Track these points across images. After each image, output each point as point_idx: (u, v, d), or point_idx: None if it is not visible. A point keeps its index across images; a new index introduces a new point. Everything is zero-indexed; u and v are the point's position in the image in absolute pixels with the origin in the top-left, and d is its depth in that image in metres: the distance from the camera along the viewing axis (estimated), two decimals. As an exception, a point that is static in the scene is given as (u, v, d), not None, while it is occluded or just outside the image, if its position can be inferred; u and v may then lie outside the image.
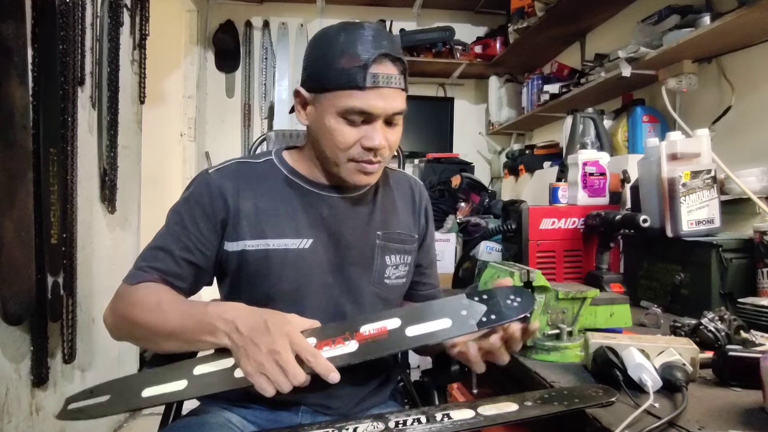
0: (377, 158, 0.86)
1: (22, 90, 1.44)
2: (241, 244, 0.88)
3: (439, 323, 0.77)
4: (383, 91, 0.82)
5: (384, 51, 0.81)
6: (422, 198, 1.06)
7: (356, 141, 0.85)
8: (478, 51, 3.29)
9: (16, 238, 1.41)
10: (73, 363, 1.81)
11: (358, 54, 0.81)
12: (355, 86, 0.81)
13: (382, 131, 0.85)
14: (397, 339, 0.76)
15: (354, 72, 0.80)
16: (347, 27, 0.85)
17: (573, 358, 0.90)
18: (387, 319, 0.78)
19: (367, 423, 0.72)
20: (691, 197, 1.20)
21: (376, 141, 0.84)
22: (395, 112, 0.85)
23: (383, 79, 0.81)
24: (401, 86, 0.84)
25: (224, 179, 0.90)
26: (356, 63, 0.80)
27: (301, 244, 0.89)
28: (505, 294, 0.78)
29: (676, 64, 1.69)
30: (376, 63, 0.81)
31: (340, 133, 0.84)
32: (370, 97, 0.81)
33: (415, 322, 0.77)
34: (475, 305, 0.77)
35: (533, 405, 0.71)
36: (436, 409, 0.74)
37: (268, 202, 0.90)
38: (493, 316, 0.76)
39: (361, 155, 0.85)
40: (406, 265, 0.99)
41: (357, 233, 0.93)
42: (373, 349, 0.76)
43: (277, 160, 0.95)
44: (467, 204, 2.54)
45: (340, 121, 0.84)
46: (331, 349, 0.76)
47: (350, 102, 0.82)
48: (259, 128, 3.45)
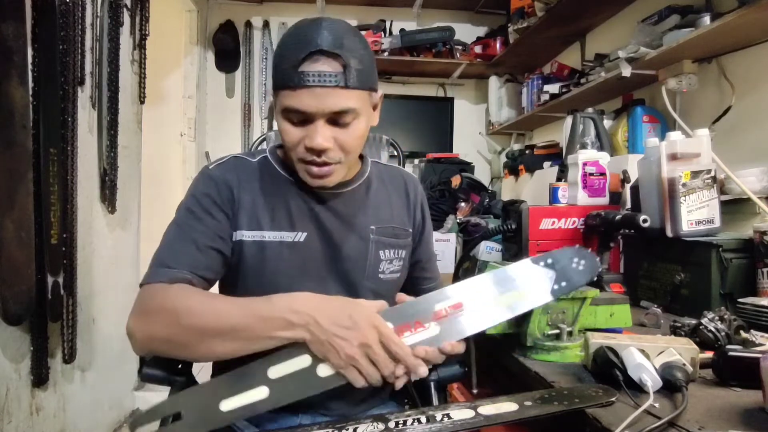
0: (322, 159, 0.83)
1: (22, 90, 1.44)
2: (238, 234, 0.88)
3: (514, 294, 0.76)
4: (316, 90, 0.79)
5: (318, 48, 0.78)
6: (417, 193, 1.06)
7: (300, 140, 0.84)
8: (478, 51, 3.29)
9: (16, 238, 1.41)
10: (73, 363, 1.81)
11: (291, 52, 0.80)
12: (287, 86, 0.80)
13: (324, 131, 0.81)
14: (474, 315, 0.75)
15: (287, 71, 0.79)
16: (299, 25, 0.84)
17: (573, 358, 0.90)
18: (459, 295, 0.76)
19: (367, 423, 0.72)
20: (691, 197, 1.20)
21: (315, 141, 0.81)
22: (335, 111, 0.80)
23: (314, 77, 0.78)
24: (337, 84, 0.79)
25: (226, 172, 0.91)
26: (289, 62, 0.79)
27: (296, 237, 0.89)
28: (569, 256, 0.77)
29: (676, 64, 1.69)
30: (307, 61, 0.78)
31: (285, 132, 0.85)
32: (302, 96, 0.79)
33: (489, 294, 0.75)
34: (544, 272, 0.76)
35: (533, 405, 0.71)
36: (436, 409, 0.74)
37: (263, 196, 0.90)
38: (564, 282, 0.76)
39: (305, 156, 0.84)
40: (401, 260, 0.99)
41: (349, 228, 0.94)
42: (455, 329, 0.75)
43: (271, 157, 0.96)
44: (467, 204, 2.54)
45: (283, 121, 0.84)
46: (412, 334, 0.74)
47: (285, 101, 0.81)
48: (259, 128, 3.45)
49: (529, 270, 0.77)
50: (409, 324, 0.74)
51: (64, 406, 1.80)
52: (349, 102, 0.81)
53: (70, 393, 1.83)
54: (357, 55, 0.81)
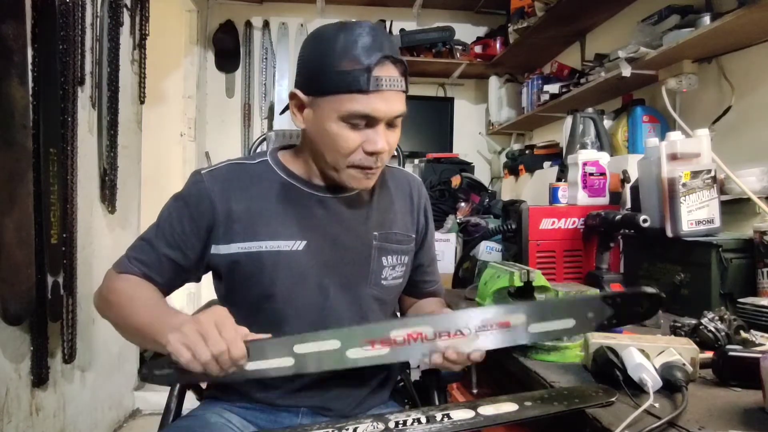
0: (378, 163, 0.86)
1: (22, 90, 1.44)
2: (234, 247, 0.87)
3: (563, 322, 0.76)
4: (386, 94, 0.80)
5: (386, 53, 0.80)
6: (421, 196, 1.05)
7: (358, 145, 0.83)
8: (478, 51, 3.29)
9: (16, 238, 1.41)
10: (73, 363, 1.81)
11: (360, 56, 0.79)
12: (358, 89, 0.79)
13: (384, 134, 0.84)
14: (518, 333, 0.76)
15: (356, 74, 0.79)
16: (345, 27, 0.82)
17: (573, 358, 0.90)
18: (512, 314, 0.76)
19: (367, 423, 0.72)
20: (691, 197, 1.20)
21: (379, 145, 0.83)
22: (397, 115, 0.84)
23: (386, 82, 0.80)
24: (403, 88, 0.83)
25: (214, 182, 0.89)
26: (358, 66, 0.79)
27: (295, 245, 0.88)
28: (637, 300, 0.76)
29: (676, 64, 1.69)
30: (378, 65, 0.79)
31: (342, 138, 0.83)
32: (374, 100, 0.80)
33: (539, 320, 0.76)
34: (605, 309, 0.75)
35: (533, 405, 0.71)
36: (436, 409, 0.74)
37: (261, 203, 0.89)
38: (615, 320, 0.75)
39: (363, 160, 0.84)
40: (403, 266, 0.98)
41: (353, 234, 0.93)
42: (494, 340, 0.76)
43: (272, 161, 0.94)
44: (467, 204, 2.54)
45: (342, 126, 0.82)
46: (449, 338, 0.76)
47: (353, 106, 0.80)
48: (259, 128, 3.45)
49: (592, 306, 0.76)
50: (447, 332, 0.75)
51: (64, 406, 1.80)
52: (404, 106, 0.85)
53: (70, 393, 1.83)
54: (404, 61, 0.85)
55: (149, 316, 0.80)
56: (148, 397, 2.41)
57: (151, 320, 0.79)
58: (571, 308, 0.76)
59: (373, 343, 0.76)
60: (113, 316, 0.86)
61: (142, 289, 0.87)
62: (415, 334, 0.76)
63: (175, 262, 0.89)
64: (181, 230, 0.88)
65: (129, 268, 0.88)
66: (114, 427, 2.21)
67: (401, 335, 0.76)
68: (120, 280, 0.88)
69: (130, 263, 0.89)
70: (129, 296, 0.85)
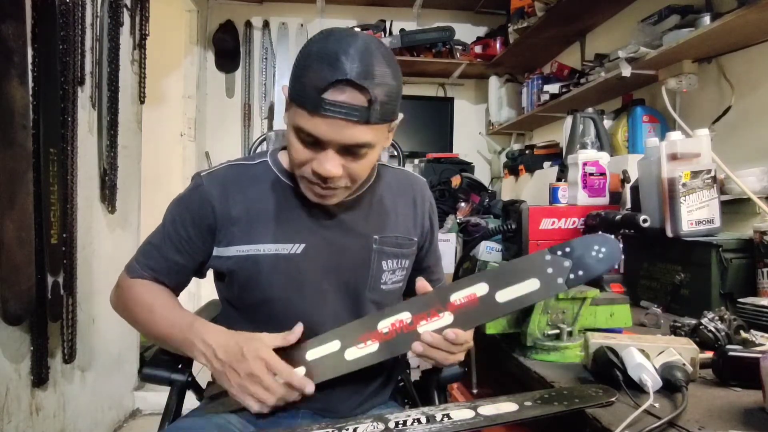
0: (327, 185, 0.81)
1: (22, 90, 1.44)
2: (232, 250, 0.88)
3: (528, 285, 0.78)
4: (335, 121, 0.74)
5: (345, 77, 0.72)
6: (425, 199, 1.03)
7: (307, 161, 0.80)
8: (478, 51, 3.29)
9: (16, 238, 1.41)
10: (73, 363, 1.81)
11: (318, 74, 0.73)
12: (304, 107, 0.75)
13: (335, 160, 0.78)
14: (489, 306, 0.78)
15: (309, 92, 0.74)
16: (330, 37, 0.76)
17: (573, 358, 0.90)
18: (474, 285, 0.79)
19: (367, 423, 0.72)
20: (691, 197, 1.20)
21: (325, 168, 0.78)
22: (351, 144, 0.77)
23: (334, 108, 0.73)
24: (361, 120, 0.74)
25: (213, 185, 0.89)
26: (314, 83, 0.73)
27: (293, 249, 0.88)
28: (588, 244, 0.77)
29: (676, 64, 1.69)
30: (333, 89, 0.73)
31: (294, 149, 0.81)
32: (319, 123, 0.75)
33: (502, 285, 0.78)
34: (560, 260, 0.76)
35: (533, 405, 0.71)
36: (436, 409, 0.74)
37: (260, 205, 0.89)
38: (581, 272, 0.76)
39: (311, 178, 0.81)
40: (403, 270, 0.97)
41: (352, 238, 0.92)
42: (469, 318, 0.79)
43: (271, 162, 0.94)
44: (467, 204, 2.54)
45: (294, 138, 0.80)
46: (427, 323, 0.79)
47: (300, 121, 0.77)
48: (259, 128, 3.45)
49: (547, 261, 0.78)
50: (424, 314, 0.80)
51: (64, 406, 1.80)
52: (366, 137, 0.77)
53: (70, 393, 1.83)
54: (385, 87, 0.76)
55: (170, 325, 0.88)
56: (148, 397, 2.41)
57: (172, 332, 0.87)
58: (529, 268, 0.78)
59: (365, 339, 0.80)
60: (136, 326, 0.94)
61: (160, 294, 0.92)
62: (398, 322, 0.80)
63: (183, 266, 0.92)
64: (186, 235, 0.90)
65: (140, 274, 0.92)
66: (114, 427, 2.20)
67: (386, 326, 0.81)
68: (137, 287, 0.92)
69: (141, 269, 0.92)
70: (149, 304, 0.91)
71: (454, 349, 0.80)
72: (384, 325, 0.81)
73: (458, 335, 0.78)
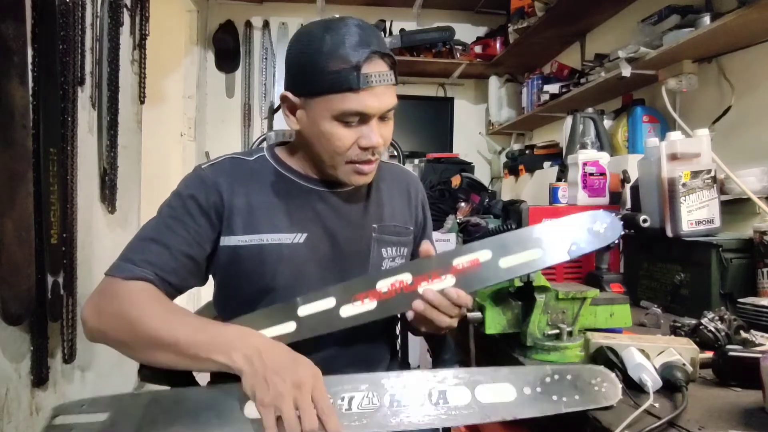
0: (375, 156, 0.87)
1: (22, 90, 1.44)
2: (234, 240, 0.87)
3: (531, 253, 0.79)
4: (377, 89, 0.81)
5: (373, 49, 0.80)
6: (418, 191, 1.06)
7: (353, 142, 0.84)
8: (478, 51, 3.29)
9: (16, 238, 1.41)
10: (73, 363, 1.81)
11: (348, 54, 0.79)
12: (349, 88, 0.80)
13: (377, 129, 0.85)
14: (491, 270, 0.79)
15: (346, 74, 0.79)
16: (331, 26, 0.82)
17: (573, 358, 0.90)
18: (477, 251, 0.80)
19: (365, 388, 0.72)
20: (691, 197, 1.20)
21: (374, 139, 0.84)
22: (389, 109, 0.85)
23: (376, 78, 0.80)
24: (392, 82, 0.84)
25: (218, 175, 0.89)
26: (347, 64, 0.79)
27: (296, 238, 0.89)
28: (591, 219, 0.80)
29: (676, 64, 1.69)
30: (367, 62, 0.80)
31: (336, 137, 0.83)
32: (365, 97, 0.80)
33: (506, 253, 0.79)
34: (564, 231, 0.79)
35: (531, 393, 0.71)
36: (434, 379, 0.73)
37: (260, 198, 0.89)
38: (582, 244, 0.79)
39: (359, 156, 0.85)
40: (402, 257, 0.99)
41: (352, 227, 0.93)
42: (471, 281, 0.79)
43: (269, 156, 0.95)
44: (467, 204, 2.54)
45: (336, 125, 0.83)
46: (429, 284, 0.79)
47: (345, 105, 0.81)
48: (259, 128, 3.45)
49: (549, 230, 0.80)
50: (426, 275, 0.80)
51: (64, 406, 1.80)
52: (395, 98, 0.86)
53: (70, 393, 1.83)
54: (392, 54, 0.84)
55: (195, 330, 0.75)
56: (148, 397, 2.41)
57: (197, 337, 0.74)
58: (533, 237, 0.80)
59: (362, 297, 0.80)
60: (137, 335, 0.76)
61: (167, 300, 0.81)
62: (397, 282, 0.80)
63: (191, 259, 0.84)
64: (194, 224, 0.85)
65: (139, 273, 0.79)
66: (114, 427, 2.20)
67: (386, 285, 0.80)
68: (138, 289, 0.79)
69: (139, 267, 0.80)
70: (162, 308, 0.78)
71: (453, 311, 0.80)
72: (383, 284, 0.80)
73: (459, 295, 0.79)
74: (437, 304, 0.78)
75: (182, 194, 0.87)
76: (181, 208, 0.86)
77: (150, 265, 0.81)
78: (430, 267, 0.80)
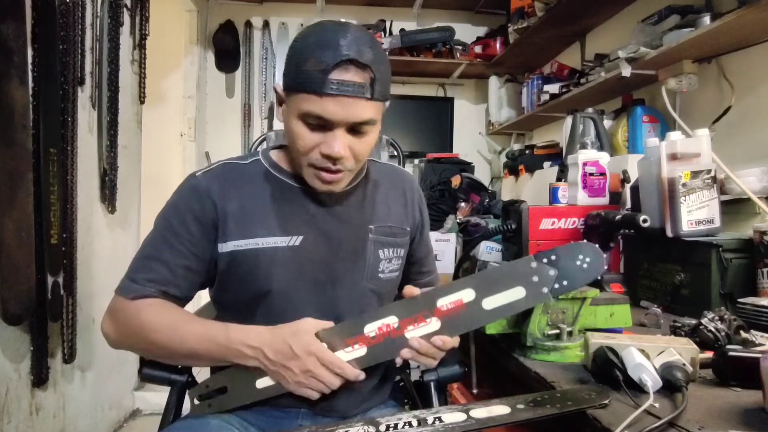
0: (336, 167, 0.84)
1: (22, 90, 1.44)
2: (230, 245, 0.87)
3: (514, 293, 0.79)
4: (342, 99, 0.78)
5: (349, 57, 0.77)
6: (414, 191, 1.06)
7: (315, 146, 0.83)
8: (478, 51, 3.29)
9: (16, 238, 1.41)
10: (73, 363, 1.81)
11: (322, 57, 0.78)
12: (313, 91, 0.78)
13: (343, 139, 0.82)
14: (475, 312, 0.79)
15: (314, 76, 0.78)
16: (323, 28, 0.82)
17: (573, 358, 0.90)
18: (460, 291, 0.80)
19: (358, 426, 0.72)
20: (691, 197, 1.20)
21: (334, 149, 0.81)
22: (358, 122, 0.81)
23: (341, 86, 0.78)
24: (366, 95, 0.80)
25: (211, 181, 0.89)
26: (318, 67, 0.78)
27: (291, 241, 0.88)
28: (573, 253, 0.79)
29: (676, 64, 1.69)
30: (338, 69, 0.77)
31: (299, 136, 0.83)
32: (328, 103, 0.79)
33: (489, 292, 0.79)
34: (545, 269, 0.78)
35: (525, 408, 0.71)
36: (428, 413, 0.73)
37: (255, 201, 0.89)
38: (566, 282, 0.78)
39: (319, 162, 0.84)
40: (399, 259, 0.99)
41: (348, 229, 0.93)
42: (456, 325, 0.79)
43: (264, 160, 0.95)
44: (467, 204, 2.54)
45: (300, 124, 0.82)
46: (414, 328, 0.80)
47: (308, 106, 0.80)
48: (259, 128, 3.45)
49: (532, 268, 0.79)
50: (412, 319, 0.80)
51: (64, 406, 1.80)
52: (370, 113, 0.82)
53: (70, 393, 1.83)
54: (380, 66, 0.81)
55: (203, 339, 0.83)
56: (148, 397, 2.41)
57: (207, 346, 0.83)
58: (514, 275, 0.79)
59: (352, 342, 0.81)
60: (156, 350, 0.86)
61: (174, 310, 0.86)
62: (384, 326, 0.81)
63: (190, 270, 0.87)
64: (189, 236, 0.86)
65: (142, 291, 0.85)
66: (114, 427, 2.21)
67: (373, 330, 0.81)
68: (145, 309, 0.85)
69: (142, 286, 0.85)
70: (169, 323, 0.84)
71: (439, 355, 0.83)
72: (371, 329, 0.81)
73: (445, 342, 0.80)
74: (424, 351, 0.81)
75: (177, 206, 0.89)
76: (176, 221, 0.87)
77: (151, 282, 0.86)
78: (415, 310, 0.81)
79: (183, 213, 0.87)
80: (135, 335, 0.86)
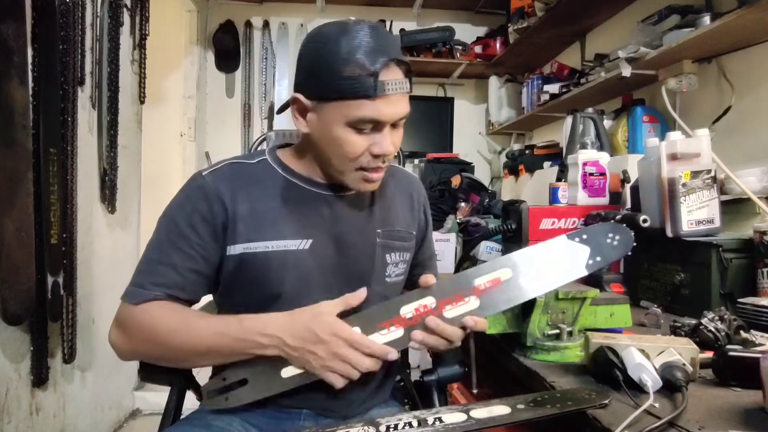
0: (384, 164, 0.86)
1: (22, 90, 1.44)
2: (239, 248, 0.85)
3: (550, 270, 0.81)
4: (392, 98, 0.80)
5: (391, 56, 0.79)
6: (420, 194, 1.06)
7: (365, 149, 0.83)
8: (478, 51, 3.29)
9: (16, 238, 1.41)
10: (73, 363, 1.81)
11: (365, 61, 0.77)
12: (365, 95, 0.78)
13: (390, 136, 0.84)
14: (513, 291, 0.80)
15: (362, 80, 0.77)
16: (346, 29, 0.80)
17: (573, 358, 0.90)
18: (498, 270, 0.81)
19: (359, 427, 0.72)
20: (691, 197, 1.20)
21: (386, 147, 0.83)
22: (402, 117, 0.84)
23: (392, 86, 0.79)
24: (407, 90, 0.82)
25: (219, 182, 0.87)
26: (364, 71, 0.77)
27: (301, 244, 0.87)
28: (603, 232, 0.82)
29: (676, 64, 1.69)
30: (384, 70, 0.78)
31: (349, 143, 0.82)
32: (380, 105, 0.79)
33: (525, 271, 0.81)
34: (578, 247, 0.81)
35: (525, 408, 0.71)
36: (428, 413, 0.73)
37: (265, 203, 0.88)
38: (599, 258, 0.81)
39: (370, 163, 0.84)
40: (405, 262, 0.98)
41: (357, 232, 0.92)
42: (494, 302, 0.80)
43: (272, 160, 0.92)
44: (467, 204, 2.54)
45: (348, 131, 0.81)
46: (453, 307, 0.80)
47: (360, 112, 0.79)
48: (259, 128, 3.45)
49: (565, 246, 0.82)
50: (450, 298, 0.80)
51: (64, 406, 1.80)
52: (408, 106, 0.85)
53: (70, 393, 1.83)
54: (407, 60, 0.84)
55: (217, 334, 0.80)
56: (148, 397, 2.41)
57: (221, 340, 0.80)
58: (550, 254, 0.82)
59: (388, 325, 0.80)
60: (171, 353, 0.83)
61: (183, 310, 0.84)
62: (422, 307, 0.80)
63: (199, 273, 0.85)
64: (197, 237, 0.84)
65: (150, 296, 0.83)
66: (114, 427, 2.21)
67: (410, 311, 0.80)
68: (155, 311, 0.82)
69: (149, 290, 0.83)
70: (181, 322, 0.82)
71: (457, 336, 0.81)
72: (407, 310, 0.81)
73: (477, 323, 0.80)
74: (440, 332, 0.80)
75: (183, 206, 0.86)
76: (183, 222, 0.85)
77: (158, 286, 0.83)
78: (452, 289, 0.81)
79: (190, 214, 0.85)
80: (148, 340, 0.83)
